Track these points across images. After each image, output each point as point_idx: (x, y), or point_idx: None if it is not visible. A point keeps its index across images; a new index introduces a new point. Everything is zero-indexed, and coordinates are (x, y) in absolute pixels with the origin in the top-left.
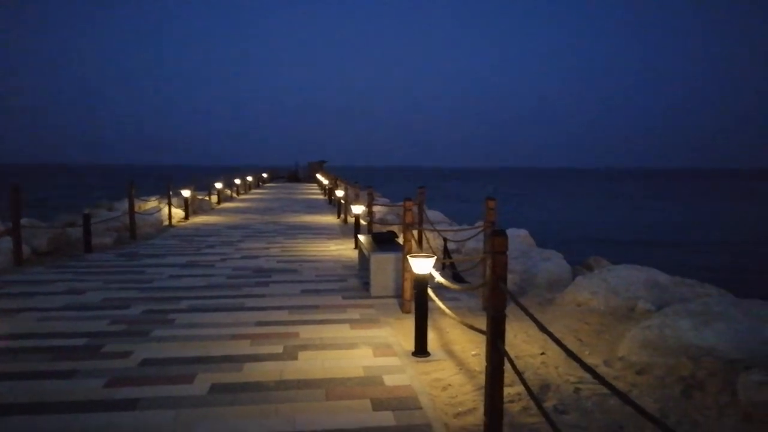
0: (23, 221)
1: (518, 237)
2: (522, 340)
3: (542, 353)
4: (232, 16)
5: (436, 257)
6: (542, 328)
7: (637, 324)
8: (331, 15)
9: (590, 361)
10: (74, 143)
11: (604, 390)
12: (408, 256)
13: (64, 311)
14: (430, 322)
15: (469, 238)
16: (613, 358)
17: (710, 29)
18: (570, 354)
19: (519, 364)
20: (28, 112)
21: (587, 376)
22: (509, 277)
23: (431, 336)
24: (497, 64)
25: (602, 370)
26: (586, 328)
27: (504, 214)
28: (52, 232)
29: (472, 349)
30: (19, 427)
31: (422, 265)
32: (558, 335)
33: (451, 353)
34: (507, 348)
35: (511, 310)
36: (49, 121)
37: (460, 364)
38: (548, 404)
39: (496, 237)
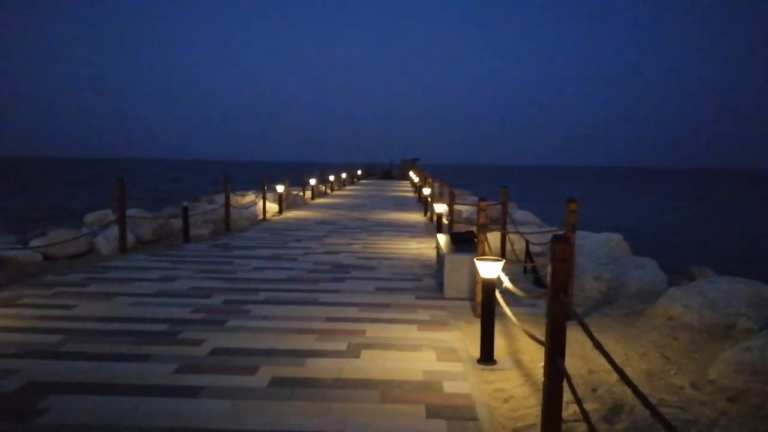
0: (131, 211)
1: (610, 242)
2: (599, 354)
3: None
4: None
5: (503, 261)
6: (598, 346)
7: (735, 344)
8: (424, 19)
9: (675, 381)
10: (169, 138)
11: (687, 415)
12: (474, 259)
13: (154, 297)
14: (501, 328)
15: None
16: (702, 381)
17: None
18: (615, 367)
19: (592, 380)
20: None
21: (669, 397)
22: (595, 285)
23: (500, 343)
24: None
25: (688, 393)
26: (674, 345)
27: (598, 217)
28: (156, 223)
29: (542, 359)
30: (90, 407)
31: (489, 268)
32: (642, 350)
33: (518, 362)
34: (581, 361)
35: (592, 319)
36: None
37: (527, 375)
38: (618, 427)
39: (557, 243)
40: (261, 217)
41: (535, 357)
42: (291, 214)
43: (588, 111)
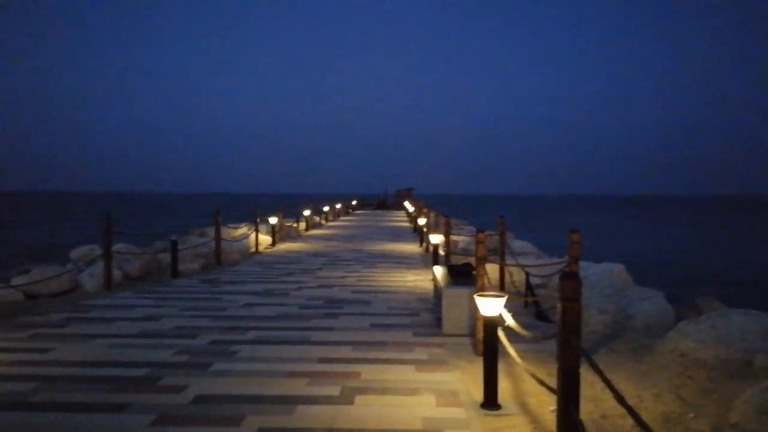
0: (119, 246)
1: (612, 272)
2: (612, 395)
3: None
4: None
5: (506, 297)
6: (619, 398)
7: (755, 382)
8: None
9: (695, 426)
10: (167, 171)
11: None
12: (475, 296)
13: (137, 338)
14: (504, 368)
15: (553, 274)
16: (724, 425)
17: None
18: (632, 413)
19: (606, 427)
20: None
21: None
22: (600, 318)
23: (504, 384)
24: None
25: None
26: (690, 385)
27: (595, 246)
28: (144, 258)
29: (551, 402)
30: None
31: (490, 305)
32: (656, 391)
33: (525, 407)
34: (592, 404)
35: (599, 355)
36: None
37: (535, 421)
38: None
39: (566, 282)
40: (253, 249)
41: (542, 400)
42: (284, 246)
43: (577, 140)
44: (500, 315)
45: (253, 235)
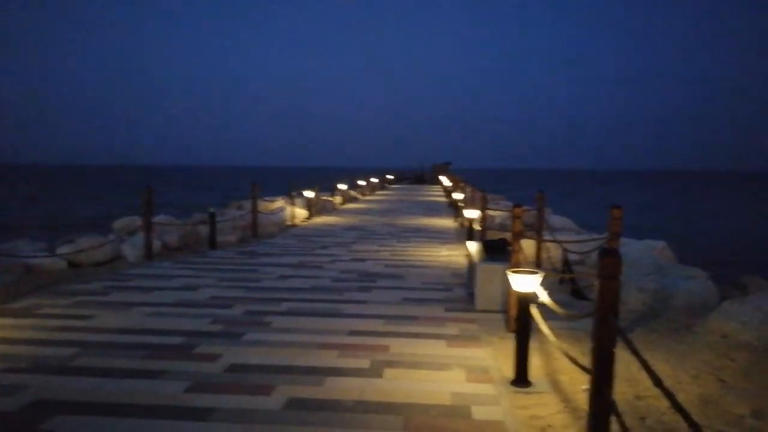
0: (159, 218)
1: (654, 250)
2: (648, 375)
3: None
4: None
5: (541, 274)
6: (655, 379)
7: None
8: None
9: (734, 410)
10: (201, 145)
11: None
12: (507, 272)
13: (174, 307)
14: (536, 345)
15: (591, 250)
16: (766, 409)
17: None
18: (667, 394)
19: (640, 407)
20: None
21: (729, 429)
22: (639, 296)
23: (536, 362)
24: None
25: (750, 423)
26: (731, 367)
27: (637, 222)
28: (183, 229)
29: (584, 381)
30: (92, 430)
31: (524, 282)
32: (694, 372)
33: (556, 385)
34: (627, 384)
35: (637, 334)
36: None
37: (566, 400)
38: None
39: (606, 258)
40: (289, 223)
41: (574, 378)
42: (320, 219)
43: (619, 114)
44: (534, 292)
45: (289, 209)
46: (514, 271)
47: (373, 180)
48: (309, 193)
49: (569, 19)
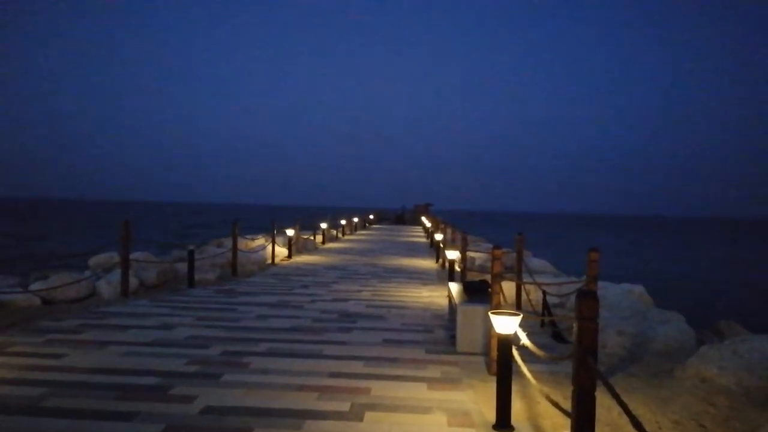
0: (137, 255)
1: (632, 293)
2: (629, 421)
3: None
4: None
5: (521, 315)
6: (636, 424)
7: None
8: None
9: None
10: (180, 181)
11: None
12: (489, 313)
13: (150, 347)
14: (518, 389)
15: (570, 293)
16: None
17: None
18: None
19: None
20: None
21: None
22: (618, 340)
23: (517, 406)
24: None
25: None
26: (711, 412)
27: (616, 267)
28: (161, 267)
29: (565, 425)
30: None
31: (505, 323)
32: (675, 417)
33: (538, 429)
34: (609, 428)
35: (617, 379)
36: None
37: None
38: None
39: (583, 300)
40: (269, 261)
41: (556, 423)
42: (301, 258)
43: (604, 159)
44: (515, 334)
45: (269, 247)
46: (495, 313)
47: (354, 220)
48: (290, 232)
49: (543, 64)
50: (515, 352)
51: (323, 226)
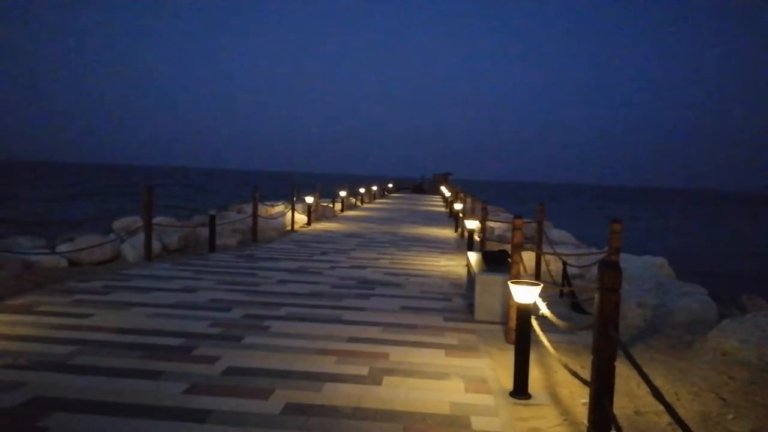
0: (159, 219)
1: (654, 266)
2: (647, 391)
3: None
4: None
5: (541, 285)
6: (656, 394)
7: None
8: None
9: (734, 428)
10: (200, 148)
11: None
12: (509, 283)
13: (173, 309)
14: (536, 357)
15: (591, 264)
16: (766, 428)
17: None
18: (669, 409)
19: (639, 423)
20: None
21: None
22: (639, 312)
23: (535, 374)
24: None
25: None
26: (731, 385)
27: (640, 239)
28: (183, 231)
29: (583, 395)
30: (91, 428)
31: (525, 293)
32: (694, 389)
33: (556, 397)
34: (626, 399)
35: (636, 350)
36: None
37: (566, 413)
38: None
39: (606, 270)
40: (289, 228)
41: (574, 392)
42: (320, 225)
43: (618, 130)
44: (534, 303)
45: (289, 214)
46: (514, 282)
47: (374, 188)
48: (309, 199)
49: (581, 33)
50: (534, 322)
51: (342, 194)
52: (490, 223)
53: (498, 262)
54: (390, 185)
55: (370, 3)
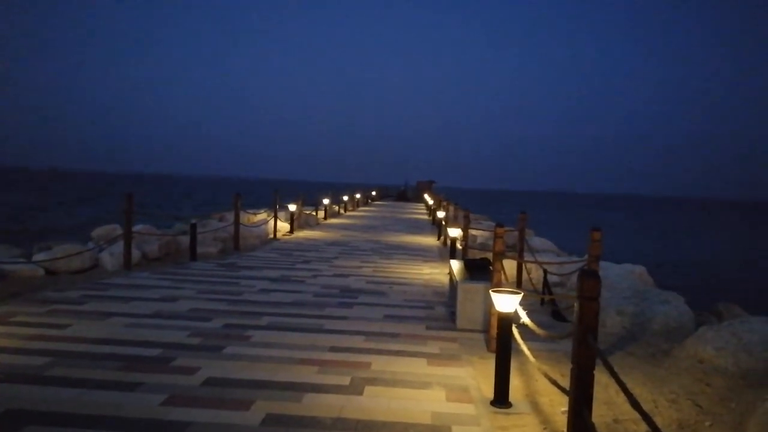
0: (139, 227)
1: (633, 274)
2: (626, 399)
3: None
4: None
5: (522, 294)
6: (633, 402)
7: None
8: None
9: None
10: (184, 154)
11: None
12: (490, 291)
13: (152, 319)
14: (517, 366)
15: (572, 272)
16: None
17: None
18: (646, 418)
19: (618, 430)
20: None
21: None
22: (618, 319)
23: (516, 383)
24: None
25: None
26: (707, 392)
27: (618, 247)
28: (163, 239)
29: (563, 404)
30: None
31: (506, 302)
32: (671, 397)
33: (536, 406)
34: (605, 407)
35: (615, 358)
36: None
37: (546, 422)
38: None
39: (586, 280)
40: (271, 236)
41: (554, 400)
42: (302, 233)
43: (612, 137)
44: (515, 312)
45: (271, 222)
46: (495, 291)
47: (357, 196)
48: (292, 207)
49: (563, 35)
50: (515, 330)
51: (325, 201)
52: (472, 231)
53: (480, 270)
54: (373, 193)
55: (352, 9)
